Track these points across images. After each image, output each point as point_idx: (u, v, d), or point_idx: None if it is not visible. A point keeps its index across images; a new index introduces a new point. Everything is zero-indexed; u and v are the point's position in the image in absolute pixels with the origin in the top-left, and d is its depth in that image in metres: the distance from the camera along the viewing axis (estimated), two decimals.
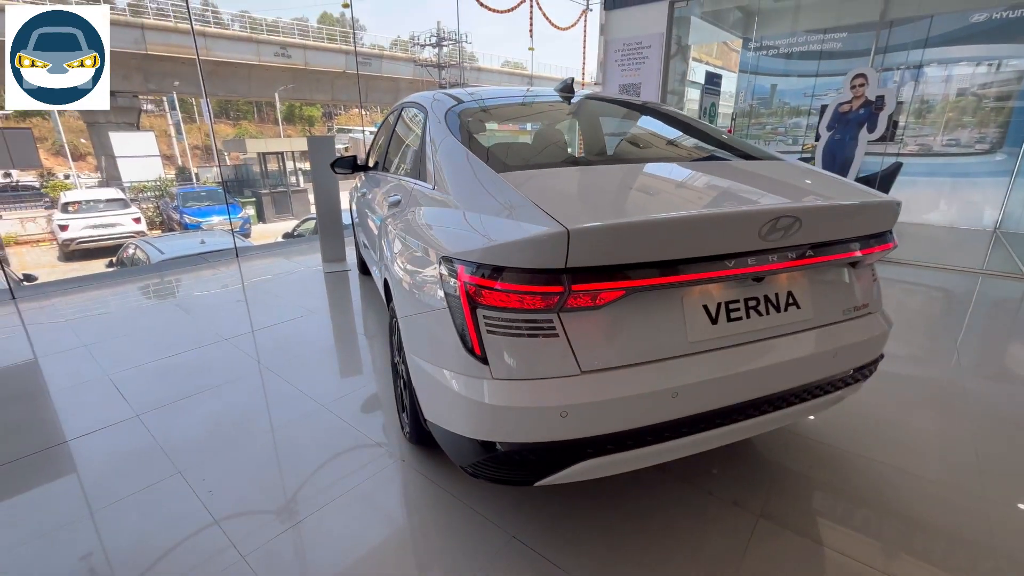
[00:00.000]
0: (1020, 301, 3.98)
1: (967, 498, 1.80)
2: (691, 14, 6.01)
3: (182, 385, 2.62)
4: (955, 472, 1.94)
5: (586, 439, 1.24)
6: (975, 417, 2.33)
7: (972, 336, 3.32)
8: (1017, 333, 3.45)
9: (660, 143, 2.28)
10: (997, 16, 6.00)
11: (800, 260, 1.35)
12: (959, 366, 2.85)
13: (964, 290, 4.23)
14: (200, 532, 1.65)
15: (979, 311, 3.83)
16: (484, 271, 1.22)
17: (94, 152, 27.08)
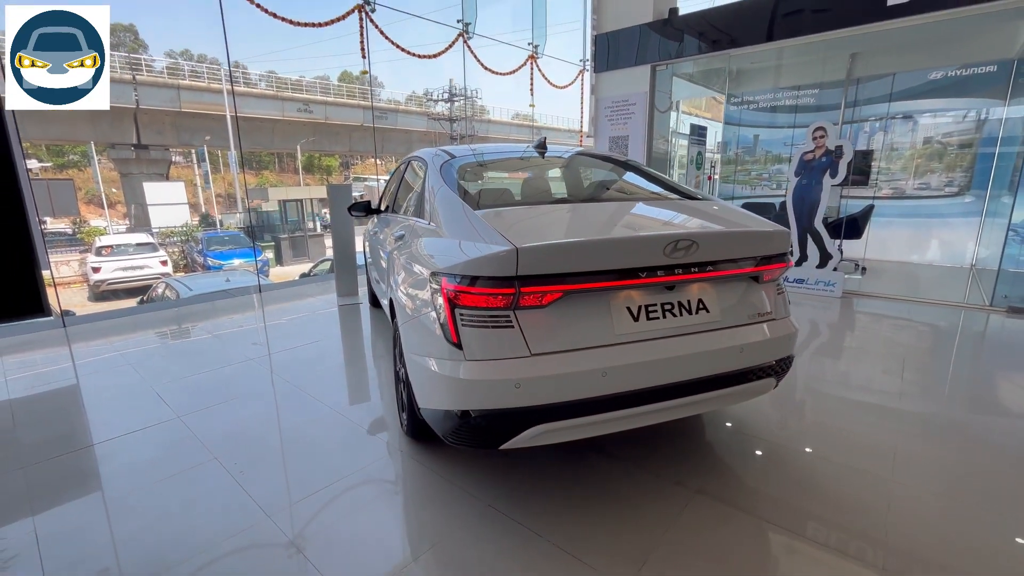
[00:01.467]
0: (984, 331, 4.29)
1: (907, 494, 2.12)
2: (672, 74, 6.71)
3: (215, 395, 3.04)
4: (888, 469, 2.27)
5: (536, 407, 1.63)
6: (923, 423, 2.66)
7: (947, 363, 3.64)
8: (985, 359, 3.76)
9: (616, 187, 2.76)
10: (952, 74, 6.61)
11: (703, 273, 1.77)
12: (928, 389, 3.18)
13: (947, 322, 4.55)
14: (233, 501, 2.02)
15: (949, 339, 4.15)
16: (461, 280, 1.66)
17: (124, 200, 28.75)
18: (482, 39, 7.93)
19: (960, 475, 2.20)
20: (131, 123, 24.21)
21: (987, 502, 1.99)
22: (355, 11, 6.03)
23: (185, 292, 7.68)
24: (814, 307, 4.96)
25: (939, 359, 3.73)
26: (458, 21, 7.35)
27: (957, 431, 2.60)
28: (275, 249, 20.09)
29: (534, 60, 8.82)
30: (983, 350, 3.97)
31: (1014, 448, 2.40)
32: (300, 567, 1.66)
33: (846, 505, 1.96)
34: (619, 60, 6.58)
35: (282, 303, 5.47)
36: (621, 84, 6.63)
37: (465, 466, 2.21)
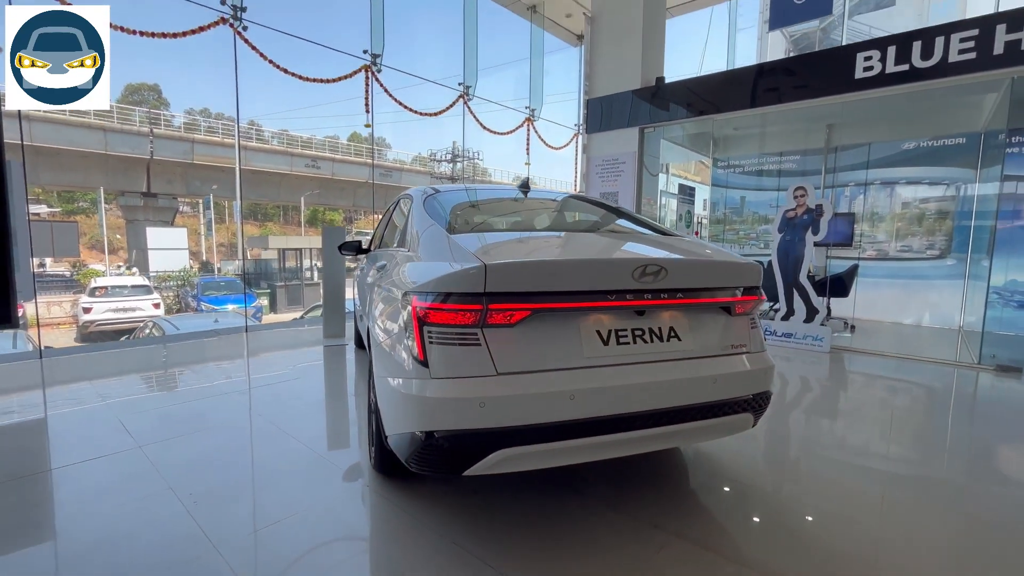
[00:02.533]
0: (975, 389, 4.23)
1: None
2: (660, 137, 7.08)
3: (182, 426, 2.93)
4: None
5: (500, 429, 1.58)
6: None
7: (941, 420, 3.57)
8: (977, 417, 3.70)
9: (598, 225, 2.83)
10: (924, 145, 6.99)
11: (672, 300, 1.79)
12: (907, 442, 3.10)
13: (936, 379, 4.51)
14: (180, 531, 1.90)
15: (941, 396, 4.10)
16: (430, 297, 1.66)
17: (127, 246, 29.16)
18: (482, 101, 8.43)
19: (944, 526, 2.09)
20: (143, 172, 25.06)
21: (971, 563, 1.89)
22: (362, 71, 6.46)
23: (171, 330, 7.62)
24: (803, 362, 4.92)
25: (929, 415, 3.66)
26: (459, 84, 7.85)
27: (948, 488, 2.50)
28: (271, 296, 20.13)
29: (531, 123, 9.32)
30: (972, 407, 3.90)
31: (1006, 511, 2.31)
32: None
33: (830, 554, 1.85)
34: (610, 122, 6.96)
35: (268, 343, 5.41)
36: (612, 144, 6.97)
37: (433, 504, 2.10)
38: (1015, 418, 3.50)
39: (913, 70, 4.69)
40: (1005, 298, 6.54)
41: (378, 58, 6.62)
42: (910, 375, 4.57)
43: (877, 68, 4.86)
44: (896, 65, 4.76)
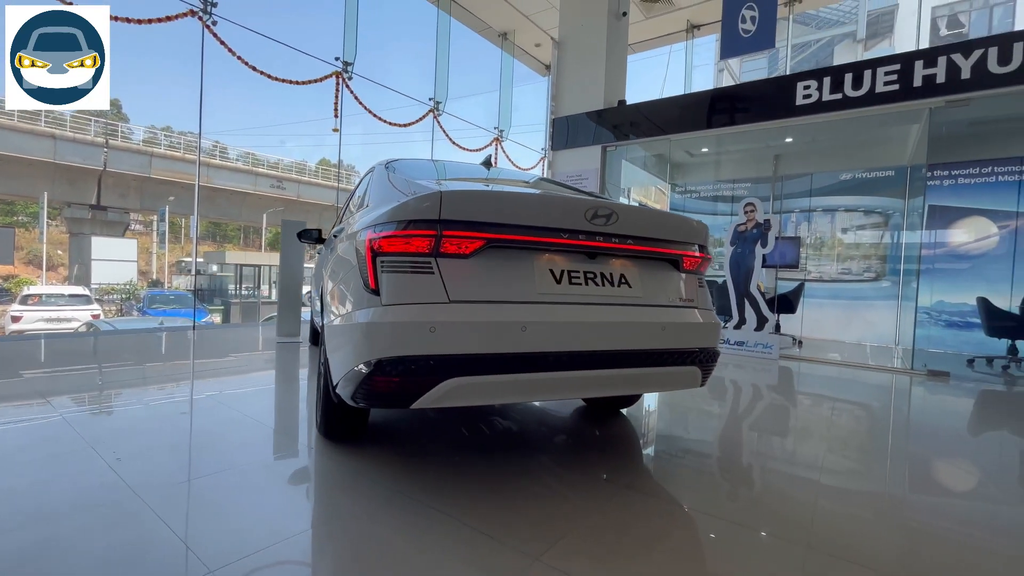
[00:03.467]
0: (909, 389, 4.49)
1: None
2: (621, 158, 7.41)
3: (114, 400, 2.74)
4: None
5: (451, 356, 1.56)
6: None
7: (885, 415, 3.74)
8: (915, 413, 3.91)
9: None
10: (859, 176, 7.60)
11: (623, 245, 1.85)
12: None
13: (876, 381, 4.75)
14: (106, 487, 1.76)
15: (881, 393, 4.31)
16: (383, 228, 1.66)
17: (69, 261, 27.44)
18: (451, 118, 8.62)
19: (886, 511, 2.18)
20: (94, 183, 23.93)
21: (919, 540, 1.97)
22: (333, 76, 6.52)
23: (108, 328, 7.12)
24: (754, 368, 5.10)
25: (867, 410, 3.84)
26: (430, 99, 8.02)
27: (887, 470, 2.62)
28: (224, 312, 19.25)
29: (499, 142, 9.56)
30: (907, 404, 4.12)
31: (942, 497, 2.43)
32: (165, 538, 1.42)
33: (772, 497, 1.89)
34: (575, 140, 7.25)
35: (219, 340, 5.15)
36: (576, 161, 7.24)
37: (380, 461, 2.03)
38: (946, 410, 3.73)
39: (846, 98, 5.15)
40: (933, 317, 7.03)
41: (349, 66, 6.72)
42: (853, 377, 4.80)
43: (815, 96, 5.32)
44: (831, 94, 5.22)
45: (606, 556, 1.42)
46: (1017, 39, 4.38)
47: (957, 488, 2.24)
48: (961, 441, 2.95)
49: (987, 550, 1.62)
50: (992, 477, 2.33)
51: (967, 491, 2.21)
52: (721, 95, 6.34)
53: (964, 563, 1.52)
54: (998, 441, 3.08)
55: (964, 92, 4.61)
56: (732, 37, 6.00)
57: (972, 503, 2.04)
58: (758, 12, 5.85)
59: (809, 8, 10.16)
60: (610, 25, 7.01)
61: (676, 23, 8.81)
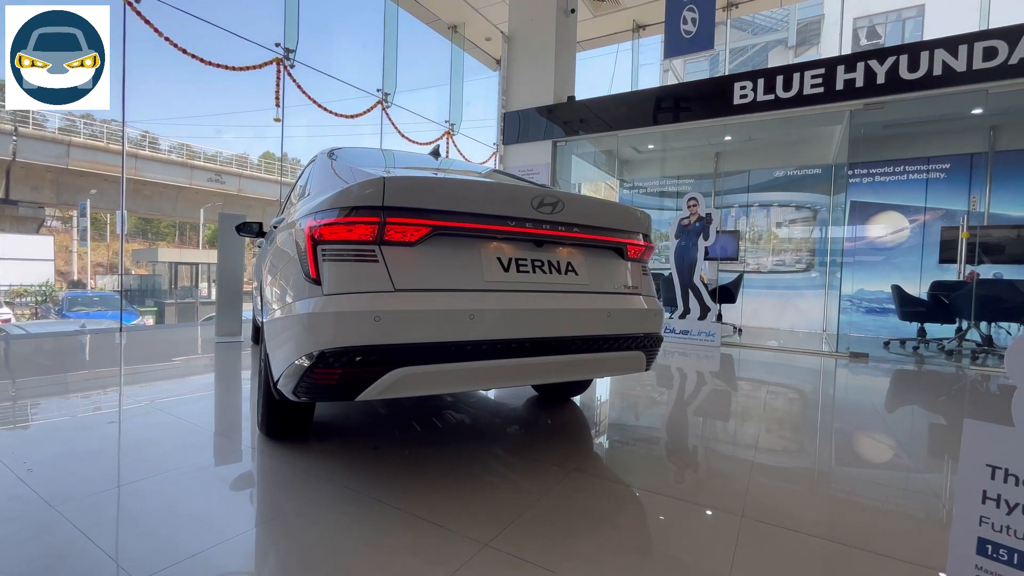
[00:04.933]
0: (835, 368, 4.85)
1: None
2: (571, 153, 7.53)
3: (31, 409, 2.50)
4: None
5: (396, 345, 1.54)
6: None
7: (815, 392, 4.00)
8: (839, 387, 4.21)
9: None
10: (791, 173, 8.11)
11: (569, 233, 1.88)
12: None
13: (807, 363, 5.09)
14: (15, 499, 1.60)
15: (810, 373, 4.63)
16: (324, 215, 1.61)
17: None
18: (400, 111, 8.44)
19: (815, 477, 2.35)
20: (1, 175, 21.66)
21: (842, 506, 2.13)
22: (273, 63, 6.22)
23: (19, 333, 6.47)
24: (698, 356, 5.35)
25: (795, 383, 4.12)
26: (378, 90, 7.81)
27: (813, 439, 2.82)
28: (158, 314, 17.99)
29: (450, 136, 9.47)
30: (832, 380, 4.46)
31: (862, 467, 2.65)
32: (85, 550, 1.31)
33: (713, 475, 2.00)
34: (526, 135, 7.30)
35: (149, 342, 4.81)
36: (527, 155, 7.29)
37: (323, 458, 1.97)
38: (866, 387, 4.07)
39: (777, 99, 5.48)
40: (855, 304, 7.63)
41: (291, 53, 6.42)
42: (786, 360, 5.14)
43: (751, 96, 5.62)
44: (765, 94, 5.54)
45: (556, 537, 1.44)
46: (924, 48, 4.81)
47: (875, 458, 2.45)
48: (879, 416, 3.23)
49: (901, 512, 1.78)
50: (905, 447, 2.56)
51: (884, 461, 2.42)
52: (665, 93, 6.57)
53: (879, 525, 1.66)
54: (911, 415, 3.39)
55: (879, 95, 5.02)
56: (674, 38, 6.22)
57: (888, 472, 2.24)
58: (698, 14, 6.10)
59: (744, 13, 10.70)
60: (559, 21, 7.09)
61: (623, 22, 9.03)
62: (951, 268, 6.55)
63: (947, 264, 6.58)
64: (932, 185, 7.06)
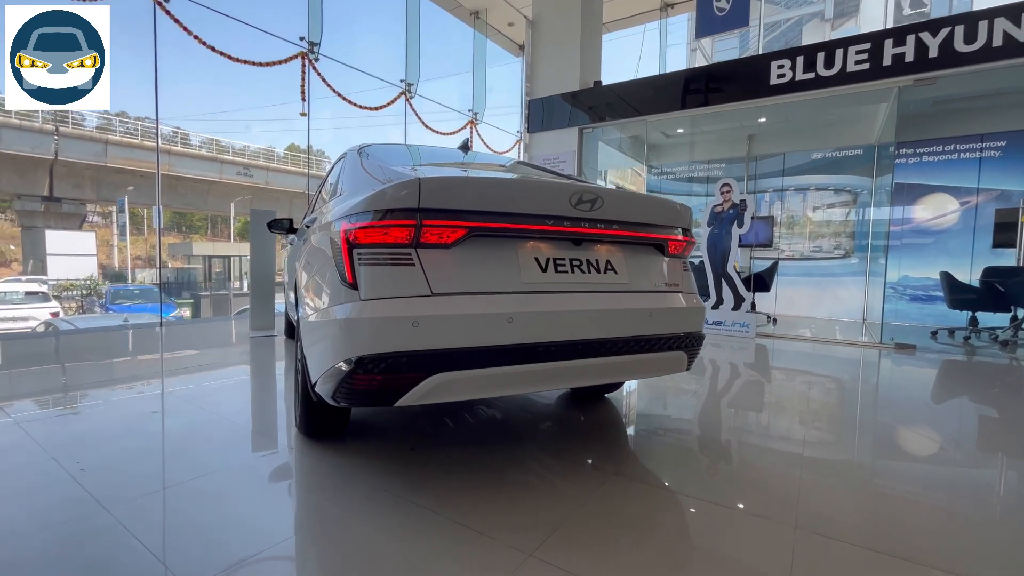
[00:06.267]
0: (879, 360, 4.64)
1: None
2: (598, 139, 7.35)
3: (75, 403, 2.59)
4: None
5: (435, 351, 1.50)
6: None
7: (855, 386, 3.84)
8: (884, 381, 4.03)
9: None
10: (829, 155, 7.73)
11: (608, 231, 1.81)
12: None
13: (849, 355, 4.89)
14: (71, 501, 1.65)
15: (852, 366, 4.44)
16: (359, 218, 1.57)
17: (23, 256, 26.00)
18: (424, 101, 8.38)
19: (861, 479, 2.24)
20: (45, 174, 22.61)
21: (888, 503, 2.03)
22: (298, 57, 6.23)
23: (67, 328, 6.77)
24: (732, 347, 5.20)
25: (838, 380, 3.95)
26: (401, 81, 7.77)
27: (860, 439, 2.69)
28: (194, 307, 18.63)
29: (474, 125, 9.38)
30: (877, 374, 4.27)
31: (912, 463, 2.51)
32: (139, 555, 1.34)
33: (758, 476, 1.92)
34: (551, 122, 7.15)
35: (187, 338, 4.95)
36: (553, 143, 7.15)
37: (364, 459, 1.97)
38: (915, 380, 3.87)
39: (818, 78, 5.19)
40: (899, 292, 7.28)
41: (316, 46, 6.42)
42: (827, 352, 4.94)
43: (788, 75, 5.34)
44: (804, 73, 5.25)
45: (603, 549, 1.40)
46: (982, 17, 4.46)
47: (926, 454, 2.32)
48: (929, 410, 3.06)
49: (958, 513, 1.67)
50: (956, 444, 2.42)
51: (935, 457, 2.28)
52: (696, 75, 6.31)
53: (937, 528, 1.56)
54: (961, 409, 3.21)
55: (931, 71, 4.70)
56: (707, 16, 5.96)
57: (940, 468, 2.12)
58: None
59: None
60: (584, 3, 6.87)
61: (650, 1, 8.71)
62: (1005, 253, 6.17)
63: (1001, 249, 6.19)
64: (986, 164, 6.62)
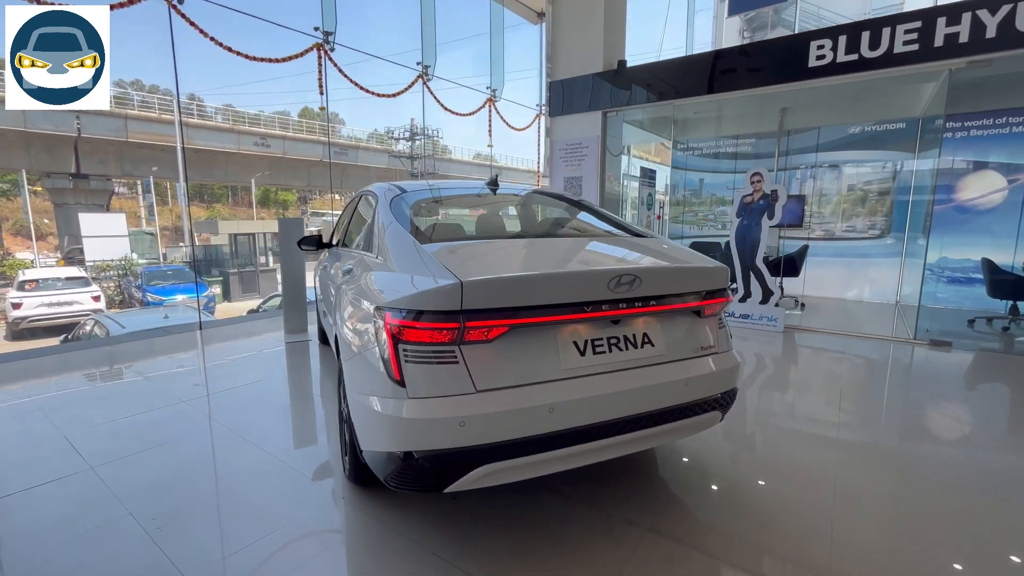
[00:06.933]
0: (911, 363, 4.57)
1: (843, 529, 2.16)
2: (622, 121, 7.10)
3: (138, 442, 2.78)
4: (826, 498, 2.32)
5: (481, 446, 1.58)
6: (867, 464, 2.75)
7: (881, 394, 3.83)
8: (913, 389, 3.99)
9: (568, 225, 2.83)
10: (868, 129, 7.32)
11: (646, 308, 1.81)
12: (869, 423, 3.31)
13: (877, 354, 4.83)
14: (145, 561, 1.82)
15: (881, 371, 4.40)
16: (405, 315, 1.61)
17: (57, 232, 26.90)
18: (441, 81, 8.16)
19: (894, 500, 2.28)
20: (70, 152, 23.01)
21: (922, 527, 2.06)
22: (314, 49, 6.09)
23: (117, 330, 7.14)
24: (759, 341, 5.17)
25: (872, 391, 3.93)
26: (418, 64, 7.55)
27: (890, 458, 2.71)
28: (223, 284, 19.20)
29: (492, 103, 9.12)
30: (911, 381, 4.22)
31: (943, 474, 2.53)
32: None
33: (792, 536, 1.98)
34: (572, 106, 6.91)
35: (225, 341, 5.17)
36: (575, 128, 6.94)
37: (409, 512, 2.09)
38: (947, 389, 3.83)
39: (862, 59, 4.86)
40: (936, 273, 7.05)
41: (331, 36, 6.26)
42: (854, 350, 4.89)
43: (829, 57, 5.01)
44: (847, 55, 4.92)
45: None
46: None
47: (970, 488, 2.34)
48: (970, 450, 3.05)
49: None
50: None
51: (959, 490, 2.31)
52: (728, 55, 5.96)
53: None
54: (993, 409, 3.18)
55: (989, 52, 4.35)
56: None
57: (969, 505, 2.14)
58: None
59: None
60: None
61: None
62: None
63: None
64: None
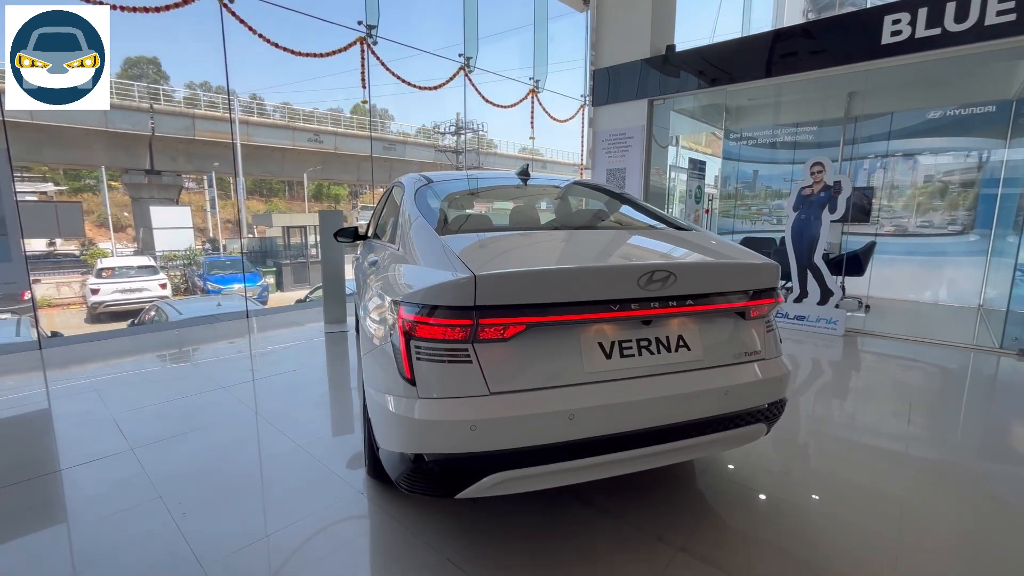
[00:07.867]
0: (995, 374, 4.07)
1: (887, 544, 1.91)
2: (669, 109, 6.75)
3: (177, 425, 2.88)
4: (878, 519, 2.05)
5: (494, 452, 1.47)
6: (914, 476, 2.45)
7: (958, 409, 3.43)
8: (997, 405, 3.55)
9: (605, 217, 2.66)
10: (950, 113, 6.60)
11: (682, 308, 1.64)
12: (941, 438, 2.97)
13: (955, 364, 4.34)
14: (166, 548, 1.84)
15: (959, 383, 3.94)
16: (417, 310, 1.52)
17: (134, 224, 29.16)
18: (484, 73, 8.08)
19: (969, 530, 1.98)
20: (145, 149, 24.80)
21: (997, 559, 1.78)
22: (357, 43, 6.15)
23: (175, 316, 7.60)
24: (816, 345, 4.77)
25: (948, 405, 3.52)
26: (460, 55, 7.50)
27: (967, 482, 2.38)
28: (276, 275, 20.15)
29: (535, 94, 8.95)
30: (994, 395, 3.75)
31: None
32: None
33: (848, 563, 1.75)
34: (617, 94, 6.64)
35: (270, 330, 5.34)
36: (619, 117, 6.66)
37: (428, 513, 2.02)
38: None
39: (945, 34, 4.34)
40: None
41: (373, 29, 6.30)
42: (926, 358, 4.41)
43: (906, 32, 4.51)
44: (927, 29, 4.41)
45: None
46: None
47: None
48: None
49: None
50: None
51: None
52: (788, 35, 5.50)
53: None
54: None
55: None
56: None
57: None
58: None
59: None
60: None
61: None
62: None
63: None
64: None
